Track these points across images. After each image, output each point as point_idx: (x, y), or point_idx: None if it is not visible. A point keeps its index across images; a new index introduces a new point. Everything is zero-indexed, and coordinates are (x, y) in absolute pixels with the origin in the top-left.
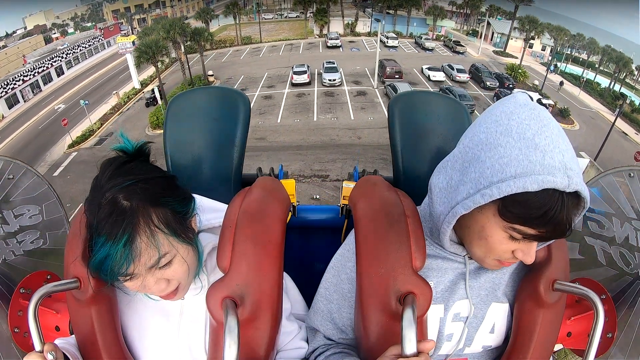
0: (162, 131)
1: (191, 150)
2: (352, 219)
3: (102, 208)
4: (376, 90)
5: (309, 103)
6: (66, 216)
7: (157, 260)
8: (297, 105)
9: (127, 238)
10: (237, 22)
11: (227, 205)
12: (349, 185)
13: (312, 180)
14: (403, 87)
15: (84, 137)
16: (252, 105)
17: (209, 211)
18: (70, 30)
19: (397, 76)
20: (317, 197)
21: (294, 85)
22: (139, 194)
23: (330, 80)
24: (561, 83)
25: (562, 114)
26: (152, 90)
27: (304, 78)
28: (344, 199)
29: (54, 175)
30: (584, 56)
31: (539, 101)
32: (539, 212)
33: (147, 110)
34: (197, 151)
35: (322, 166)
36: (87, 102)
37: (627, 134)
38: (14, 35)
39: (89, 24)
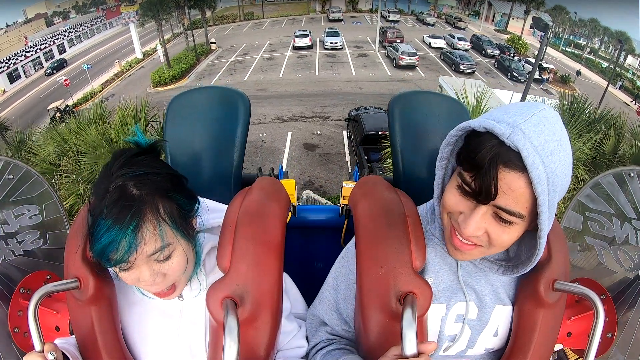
0: (163, 88)
1: (191, 150)
2: (352, 219)
3: (111, 193)
4: (377, 53)
5: (311, 62)
6: (66, 216)
7: (160, 250)
8: (299, 64)
9: (134, 225)
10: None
11: (226, 206)
12: (349, 185)
13: (313, 120)
14: (404, 47)
15: (85, 99)
16: (253, 66)
17: (211, 211)
18: (73, 15)
19: (398, 41)
20: (318, 132)
21: (296, 48)
22: (148, 184)
23: (331, 43)
24: (578, 72)
25: (562, 81)
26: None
27: (306, 41)
28: (344, 199)
29: None
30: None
31: (540, 66)
32: (473, 154)
33: (148, 74)
34: (197, 151)
35: (323, 109)
36: (89, 65)
37: (628, 104)
38: (16, 24)
39: (92, 10)
